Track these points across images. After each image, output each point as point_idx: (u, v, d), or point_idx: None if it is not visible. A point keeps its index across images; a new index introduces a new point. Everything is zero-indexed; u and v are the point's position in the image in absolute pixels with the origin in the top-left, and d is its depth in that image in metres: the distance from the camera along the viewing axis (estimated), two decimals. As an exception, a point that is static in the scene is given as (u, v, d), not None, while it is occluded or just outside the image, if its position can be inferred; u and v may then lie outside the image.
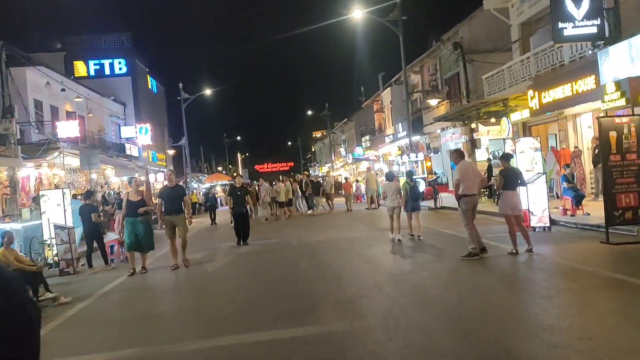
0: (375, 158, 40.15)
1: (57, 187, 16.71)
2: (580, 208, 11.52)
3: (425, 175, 23.12)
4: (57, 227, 10.70)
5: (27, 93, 20.78)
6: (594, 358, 3.79)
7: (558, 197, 14.19)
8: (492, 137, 20.86)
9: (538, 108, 14.53)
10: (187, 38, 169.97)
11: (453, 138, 24.40)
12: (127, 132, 31.34)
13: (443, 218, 15.11)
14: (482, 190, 19.19)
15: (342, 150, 56.28)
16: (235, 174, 24.68)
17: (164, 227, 10.08)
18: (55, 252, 10.65)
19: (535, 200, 10.32)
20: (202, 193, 31.92)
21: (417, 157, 24.45)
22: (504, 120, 16.92)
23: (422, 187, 19.75)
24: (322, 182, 22.85)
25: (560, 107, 14.01)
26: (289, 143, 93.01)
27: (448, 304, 5.61)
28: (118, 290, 8.24)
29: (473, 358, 4.06)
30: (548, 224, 10.41)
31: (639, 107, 9.66)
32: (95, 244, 10.86)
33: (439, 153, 26.69)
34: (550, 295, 5.69)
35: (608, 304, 5.20)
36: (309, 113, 59.70)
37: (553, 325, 4.56)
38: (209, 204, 22.71)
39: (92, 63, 33.81)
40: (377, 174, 26.02)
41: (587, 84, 12.18)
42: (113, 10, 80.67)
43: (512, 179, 8.31)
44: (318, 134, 76.52)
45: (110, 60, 34.21)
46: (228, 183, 35.00)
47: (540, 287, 6.22)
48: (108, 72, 34.09)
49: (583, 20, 11.89)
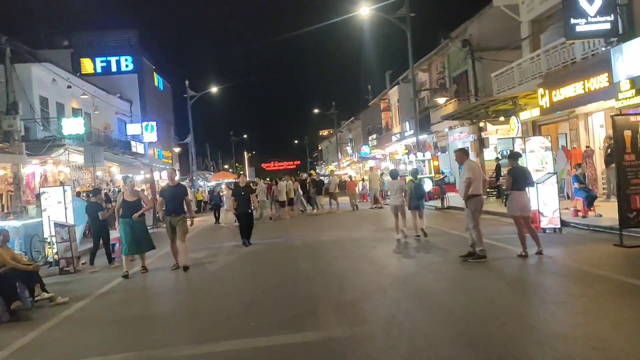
0: (382, 157, 39.89)
1: (62, 184, 16.59)
2: (592, 209, 11.22)
3: (432, 175, 22.81)
4: (57, 224, 10.55)
5: (32, 90, 20.72)
6: (611, 371, 3.56)
7: (569, 197, 13.88)
8: (500, 136, 20.54)
9: (549, 106, 14.21)
10: (193, 36, 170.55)
11: (461, 137, 24.08)
12: (132, 129, 31.31)
13: (450, 218, 14.84)
14: (489, 190, 18.97)
15: (348, 149, 56.06)
16: (240, 173, 24.41)
17: (165, 225, 9.85)
18: (56, 250, 10.50)
19: (546, 201, 10.03)
20: (207, 191, 31.79)
21: (424, 156, 24.16)
22: (513, 119, 16.61)
23: (428, 186, 19.50)
24: (325, 181, 22.63)
25: (572, 105, 13.69)
26: (296, 141, 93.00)
27: (454, 309, 5.38)
28: (116, 291, 8.08)
29: (481, 369, 3.84)
30: (559, 226, 10.11)
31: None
32: (102, 242, 10.69)
33: (447, 152, 26.36)
34: (562, 301, 5.44)
35: (623, 311, 4.93)
36: (316, 111, 59.67)
37: (566, 334, 4.32)
38: (214, 202, 22.58)
39: (98, 60, 33.86)
40: (382, 173, 25.76)
41: (599, 82, 11.87)
42: (120, 8, 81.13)
43: (521, 179, 8.03)
44: (325, 133, 76.38)
45: (117, 58, 34.22)
46: (234, 181, 34.83)
47: (552, 292, 5.96)
48: (115, 69, 34.11)
49: (596, 17, 11.61)
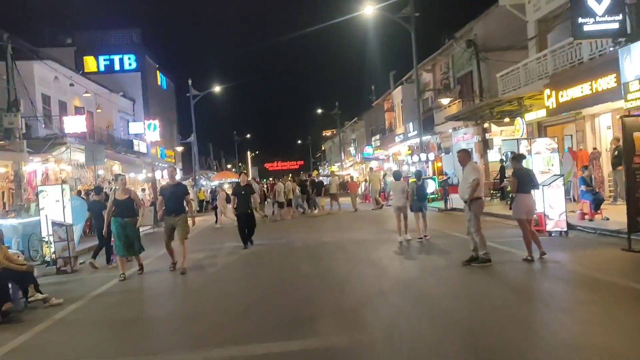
0: (385, 157, 39.68)
1: (64, 182, 16.46)
2: (599, 212, 10.99)
3: (436, 176, 22.60)
4: (55, 223, 10.40)
5: (34, 87, 20.63)
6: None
7: (575, 200, 13.65)
8: (505, 137, 20.30)
9: (555, 107, 14.00)
10: (197, 34, 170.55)
11: (465, 138, 23.86)
12: (135, 128, 31.21)
13: (454, 220, 14.62)
14: (493, 192, 18.74)
15: (351, 150, 55.84)
16: (242, 171, 24.19)
17: (164, 225, 9.59)
18: (53, 249, 10.35)
19: (552, 204, 9.81)
20: (209, 191, 31.65)
21: (427, 157, 23.94)
22: (518, 120, 16.38)
23: (431, 187, 19.29)
24: (325, 182, 22.45)
25: (579, 106, 13.46)
26: (299, 141, 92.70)
27: (458, 316, 5.18)
28: (112, 292, 7.91)
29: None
30: (565, 229, 9.90)
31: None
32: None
33: (450, 153, 26.14)
34: (571, 309, 5.24)
35: (636, 320, 4.73)
36: (319, 112, 59.40)
37: (577, 345, 4.13)
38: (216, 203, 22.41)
39: (102, 58, 33.81)
40: (385, 174, 25.56)
41: (607, 83, 11.66)
42: (124, 6, 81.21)
43: (526, 181, 7.84)
44: (328, 133, 76.14)
45: (120, 56, 34.18)
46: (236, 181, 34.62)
47: (560, 298, 5.75)
48: (118, 67, 34.07)
49: (604, 16, 11.38)
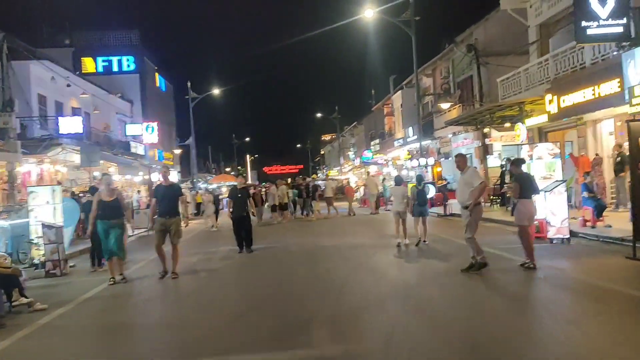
0: (384, 162, 39.45)
1: (59, 183, 16.21)
2: (601, 219, 10.78)
3: (435, 181, 22.37)
4: (45, 225, 10.13)
5: (30, 87, 20.39)
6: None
7: (576, 207, 13.42)
8: (505, 142, 20.10)
9: (556, 112, 13.80)
10: (196, 37, 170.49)
11: (465, 143, 23.64)
12: (132, 130, 30.93)
13: (453, 226, 14.39)
14: (493, 198, 18.51)
15: (350, 154, 55.64)
16: (239, 174, 23.93)
17: (155, 227, 9.09)
18: (42, 252, 10.09)
19: (554, 210, 9.59)
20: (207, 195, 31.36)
21: (427, 162, 23.72)
22: (519, 125, 16.18)
23: (431, 192, 19.06)
24: (320, 186, 22.25)
25: (581, 111, 13.27)
26: (298, 145, 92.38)
27: (458, 326, 4.95)
28: (100, 297, 7.66)
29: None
30: (567, 236, 9.67)
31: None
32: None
33: (450, 158, 25.92)
34: (577, 320, 5.01)
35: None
36: (319, 116, 59.21)
37: (583, 356, 3.89)
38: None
39: (100, 60, 33.53)
40: (384, 179, 25.34)
41: (610, 88, 11.46)
42: (122, 7, 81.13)
43: (528, 186, 7.63)
44: (327, 137, 76.01)
45: (119, 57, 33.90)
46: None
47: (564, 308, 5.52)
48: (116, 69, 33.79)
49: (608, 20, 11.18)
